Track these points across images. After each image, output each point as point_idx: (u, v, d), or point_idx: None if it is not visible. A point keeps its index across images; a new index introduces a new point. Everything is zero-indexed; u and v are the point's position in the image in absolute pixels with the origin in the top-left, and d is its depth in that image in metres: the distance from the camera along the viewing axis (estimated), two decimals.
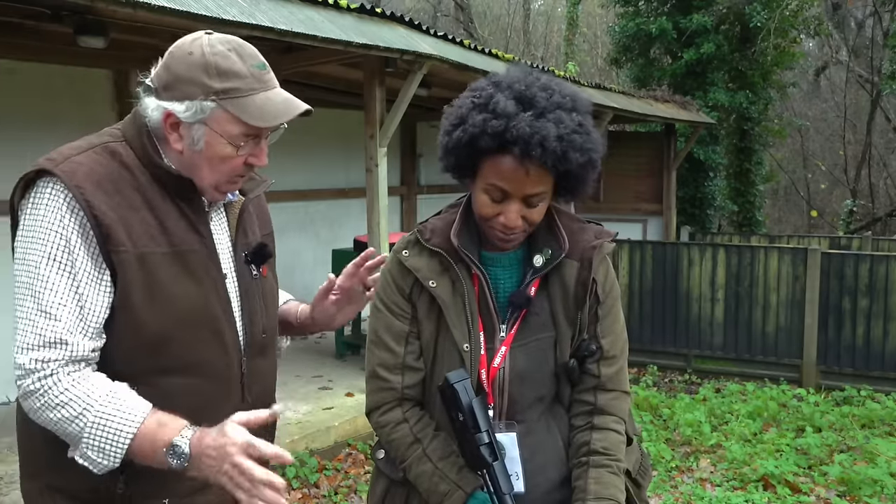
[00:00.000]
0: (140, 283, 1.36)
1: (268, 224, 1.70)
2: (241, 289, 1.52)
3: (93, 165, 1.37)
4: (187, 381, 1.42)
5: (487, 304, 1.54)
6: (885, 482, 4.45)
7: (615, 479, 1.52)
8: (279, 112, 1.40)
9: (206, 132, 1.38)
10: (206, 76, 1.36)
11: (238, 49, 1.40)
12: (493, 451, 1.44)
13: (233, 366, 1.49)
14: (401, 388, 1.56)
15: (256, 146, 1.44)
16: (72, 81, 5.48)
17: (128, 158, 1.41)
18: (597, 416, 1.56)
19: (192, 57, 1.37)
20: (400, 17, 5.18)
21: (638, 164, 10.87)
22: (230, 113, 1.37)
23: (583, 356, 1.55)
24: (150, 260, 1.37)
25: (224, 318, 1.47)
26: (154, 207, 1.40)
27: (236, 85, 1.37)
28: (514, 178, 1.41)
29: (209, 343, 1.44)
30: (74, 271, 1.33)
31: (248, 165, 1.45)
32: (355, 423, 5.02)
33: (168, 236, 1.40)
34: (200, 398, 1.43)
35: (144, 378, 1.38)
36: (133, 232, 1.36)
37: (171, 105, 1.37)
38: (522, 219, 1.46)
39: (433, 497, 1.51)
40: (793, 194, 20.58)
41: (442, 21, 20.86)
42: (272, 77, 1.43)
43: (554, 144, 1.35)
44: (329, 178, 7.97)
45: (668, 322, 7.75)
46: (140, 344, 1.38)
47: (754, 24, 11.30)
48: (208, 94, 1.36)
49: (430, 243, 1.55)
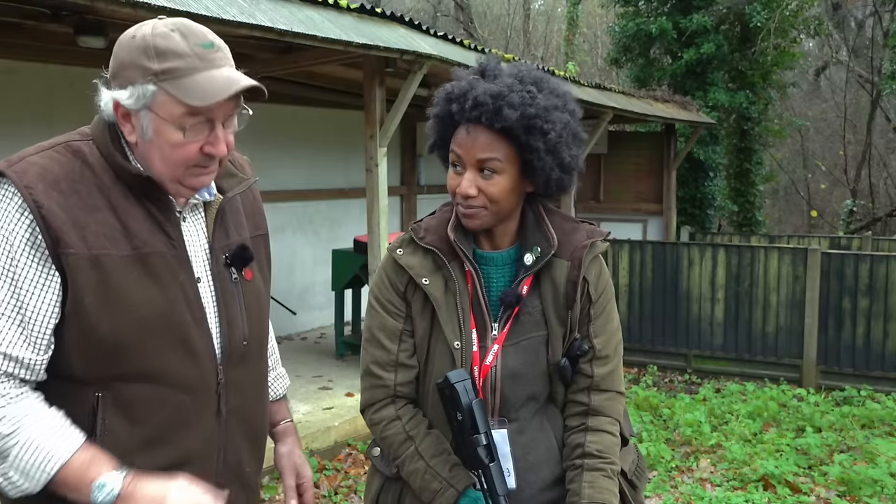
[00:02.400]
0: (92, 287, 1.28)
1: (261, 225, 1.60)
2: (219, 294, 1.43)
3: (48, 164, 1.30)
4: (152, 388, 1.34)
5: (479, 302, 1.55)
6: (885, 482, 4.44)
7: (609, 483, 1.52)
8: (218, 89, 1.29)
9: (153, 118, 1.30)
10: (146, 58, 1.28)
11: (182, 28, 1.32)
12: (490, 452, 1.45)
13: (206, 376, 1.40)
14: (394, 385, 1.57)
15: (211, 132, 1.33)
16: (72, 81, 5.48)
17: (91, 157, 1.34)
18: (591, 418, 1.56)
19: (133, 41, 1.31)
20: (400, 17, 5.18)
21: (638, 164, 10.86)
22: (170, 94, 1.28)
23: (575, 355, 1.55)
24: (105, 263, 1.29)
25: (194, 325, 1.37)
26: (116, 208, 1.32)
27: (175, 64, 1.28)
28: (463, 142, 1.46)
29: (174, 351, 1.35)
30: (15, 278, 1.26)
31: (207, 155, 1.34)
32: (355, 423, 5.02)
33: (130, 239, 1.32)
34: (170, 409, 1.36)
35: (104, 385, 1.31)
36: (88, 233, 1.28)
37: (117, 93, 1.31)
38: (480, 191, 1.47)
39: (425, 494, 1.52)
40: (793, 194, 20.58)
41: (442, 21, 20.86)
42: (222, 56, 1.34)
43: (486, 99, 1.40)
44: (329, 178, 7.97)
45: (668, 322, 7.75)
46: (95, 350, 1.30)
47: (754, 24, 11.29)
48: (147, 76, 1.28)
49: (423, 241, 1.56)
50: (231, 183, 1.52)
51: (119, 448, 1.31)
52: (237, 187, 1.52)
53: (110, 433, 1.32)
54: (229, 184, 1.51)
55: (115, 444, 1.31)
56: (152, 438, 1.35)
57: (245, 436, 1.50)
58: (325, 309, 7.47)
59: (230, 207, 1.50)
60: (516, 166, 1.47)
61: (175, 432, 1.37)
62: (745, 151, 12.71)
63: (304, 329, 7.60)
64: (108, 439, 1.31)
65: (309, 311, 7.63)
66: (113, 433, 1.32)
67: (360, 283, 6.45)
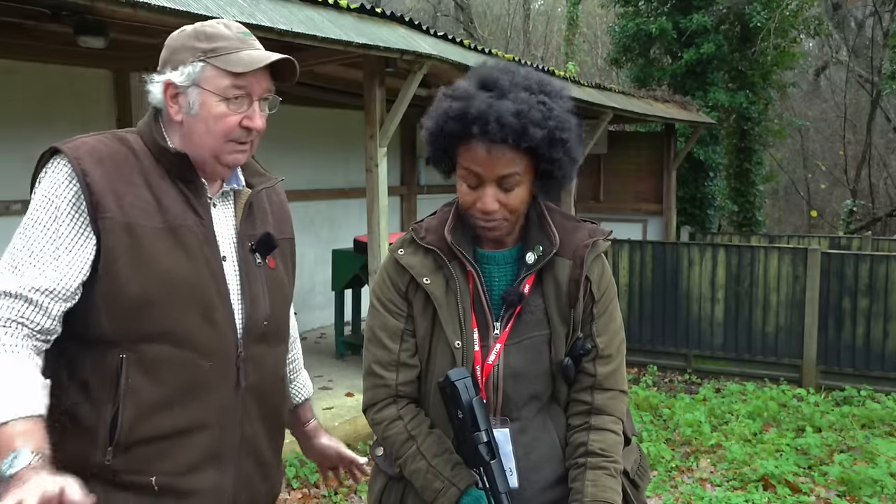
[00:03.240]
0: (125, 250, 1.39)
1: (287, 230, 1.71)
2: (242, 273, 1.53)
3: (97, 145, 1.45)
4: (175, 351, 1.42)
5: (481, 301, 1.55)
6: (885, 482, 4.44)
7: (612, 482, 1.52)
8: (256, 59, 1.47)
9: (200, 93, 1.46)
10: (196, 41, 1.48)
11: (226, 22, 1.54)
12: (491, 449, 1.45)
13: (227, 345, 1.48)
14: (395, 384, 1.57)
15: (250, 107, 1.49)
16: (71, 81, 5.48)
17: (135, 145, 1.49)
18: (594, 417, 1.56)
19: (184, 32, 1.51)
20: (400, 17, 5.18)
21: (638, 164, 10.87)
22: (217, 68, 1.46)
23: (578, 354, 1.55)
24: (138, 231, 1.41)
25: (218, 298, 1.47)
26: (153, 186, 1.46)
27: (222, 44, 1.47)
28: (483, 161, 1.43)
29: (197, 316, 1.44)
30: (56, 231, 1.38)
31: (245, 129, 1.49)
32: (355, 423, 5.02)
33: (163, 213, 1.45)
34: (190, 373, 1.44)
35: (129, 345, 1.39)
36: (125, 203, 1.41)
37: (168, 75, 1.48)
38: (501, 205, 1.47)
39: (427, 494, 1.52)
40: (793, 194, 20.58)
41: (442, 21, 20.86)
42: (257, 42, 1.53)
43: (511, 120, 1.38)
44: (329, 178, 7.97)
45: (668, 322, 7.75)
46: (123, 310, 1.39)
47: (754, 24, 11.30)
48: (196, 54, 1.46)
49: (424, 241, 1.57)
50: (259, 180, 1.65)
51: (140, 405, 1.40)
52: (265, 182, 1.65)
53: (132, 391, 1.39)
54: (258, 181, 1.65)
55: (136, 402, 1.40)
56: (171, 399, 1.42)
57: (262, 413, 1.57)
58: (325, 309, 7.47)
59: (258, 202, 1.62)
60: (532, 174, 1.48)
61: (193, 396, 1.45)
62: (745, 151, 12.72)
63: (304, 329, 7.60)
64: (129, 397, 1.39)
65: (309, 311, 7.63)
66: (135, 391, 1.40)
67: (360, 283, 6.45)
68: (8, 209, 5.13)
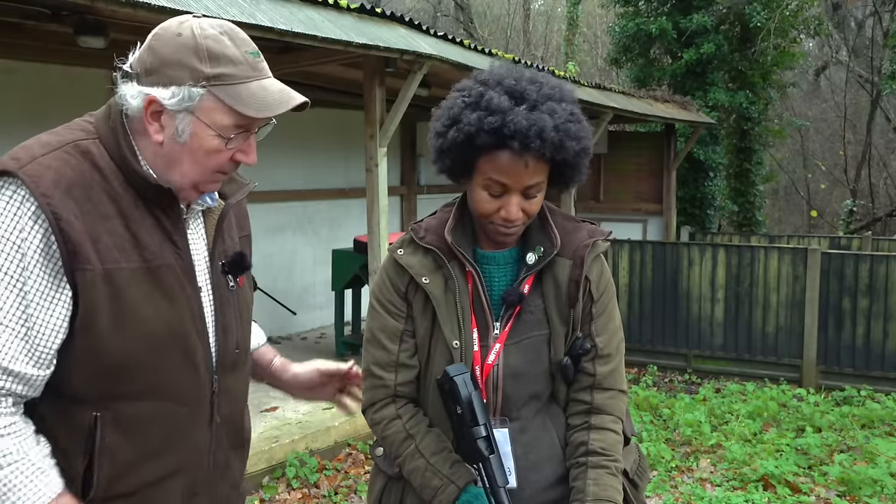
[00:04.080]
0: (106, 305, 1.24)
1: (245, 226, 1.58)
2: (217, 302, 1.41)
3: (61, 168, 1.23)
4: (154, 405, 1.32)
5: (481, 301, 1.55)
6: (885, 482, 4.45)
7: (613, 481, 1.52)
8: (275, 102, 1.28)
9: (193, 122, 1.26)
10: (197, 60, 1.23)
11: (230, 33, 1.29)
12: (489, 444, 1.45)
13: (203, 386, 1.38)
14: (394, 385, 1.58)
15: (245, 141, 1.32)
16: (71, 81, 5.49)
17: (100, 159, 1.27)
18: (594, 416, 1.57)
19: (180, 39, 1.25)
20: (400, 17, 5.18)
21: (638, 164, 10.86)
22: (222, 101, 1.25)
23: (577, 354, 1.55)
24: (118, 277, 1.25)
25: (196, 336, 1.36)
26: (126, 216, 1.27)
27: (229, 71, 1.25)
28: (513, 172, 1.43)
29: (179, 364, 1.34)
30: (25, 289, 1.20)
31: (235, 162, 1.33)
32: (355, 423, 5.02)
33: (140, 250, 1.28)
34: (168, 422, 1.34)
35: (104, 403, 1.28)
36: (101, 246, 1.24)
37: (155, 91, 1.24)
38: (522, 211, 1.48)
39: (426, 492, 1.52)
40: (793, 194, 20.58)
41: (442, 21, 20.86)
42: (266, 66, 1.32)
43: (552, 135, 1.38)
44: (329, 178, 7.97)
45: (668, 322, 7.75)
46: (102, 369, 1.27)
47: (754, 24, 11.30)
48: (198, 79, 1.24)
49: (423, 241, 1.57)
50: (232, 188, 1.48)
51: (117, 464, 1.30)
52: (238, 193, 1.49)
53: (108, 450, 1.29)
54: (230, 189, 1.48)
55: (112, 461, 1.30)
56: (150, 452, 1.34)
57: (232, 441, 1.51)
58: (325, 309, 7.47)
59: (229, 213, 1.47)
60: (548, 179, 1.50)
61: (171, 444, 1.36)
62: (745, 151, 12.72)
63: (304, 329, 7.60)
64: (105, 456, 1.29)
65: (309, 311, 7.63)
66: (111, 451, 1.30)
67: (360, 283, 6.45)
68: None
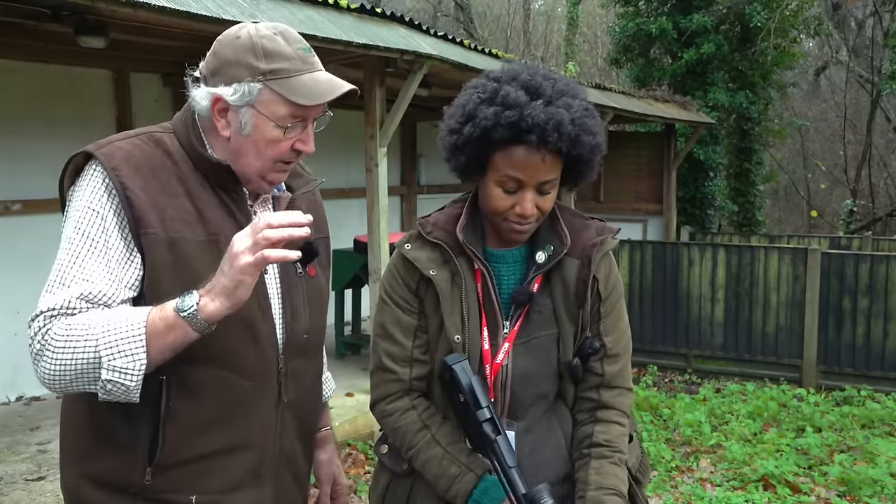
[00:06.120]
0: (169, 267, 1.34)
1: (323, 228, 1.67)
2: (284, 286, 1.49)
3: (132, 150, 1.38)
4: (217, 372, 1.38)
5: (491, 300, 1.54)
6: (885, 482, 4.45)
7: (617, 470, 1.52)
8: (324, 91, 1.40)
9: (254, 115, 1.38)
10: (254, 58, 1.37)
11: (284, 33, 1.42)
12: (495, 426, 1.45)
13: (268, 363, 1.44)
14: (409, 379, 1.56)
15: (303, 131, 1.44)
16: (72, 81, 5.48)
17: (171, 147, 1.42)
18: (600, 411, 1.57)
19: (239, 41, 1.39)
20: (400, 17, 5.18)
21: (638, 164, 10.87)
22: (277, 93, 1.37)
23: (586, 354, 1.55)
24: (182, 246, 1.35)
25: (259, 313, 1.42)
26: (193, 195, 1.40)
27: (283, 66, 1.38)
28: (529, 167, 1.42)
29: (240, 335, 1.40)
30: (108, 250, 1.32)
31: (295, 151, 1.45)
32: (355, 423, 5.02)
33: (205, 224, 1.39)
34: (232, 393, 1.40)
35: (170, 367, 1.33)
36: (166, 217, 1.35)
37: (220, 89, 1.38)
38: (536, 207, 1.47)
39: (442, 481, 1.51)
40: (793, 194, 20.58)
41: (442, 21, 20.85)
42: (317, 60, 1.44)
43: (569, 128, 1.38)
44: (329, 178, 7.92)
45: (668, 322, 7.76)
46: None
47: (754, 24, 11.30)
48: (255, 75, 1.36)
49: (431, 236, 1.56)
50: (299, 182, 1.60)
51: (182, 428, 1.37)
52: (305, 186, 1.61)
53: (174, 414, 1.36)
54: (297, 183, 1.60)
55: (177, 425, 1.36)
56: (213, 421, 1.39)
57: (299, 428, 1.55)
58: None
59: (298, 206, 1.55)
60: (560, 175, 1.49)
61: (235, 416, 1.41)
62: (745, 151, 12.73)
63: None
64: (171, 420, 1.36)
65: None
66: (176, 414, 1.36)
67: (360, 283, 6.44)
68: (8, 209, 5.13)
